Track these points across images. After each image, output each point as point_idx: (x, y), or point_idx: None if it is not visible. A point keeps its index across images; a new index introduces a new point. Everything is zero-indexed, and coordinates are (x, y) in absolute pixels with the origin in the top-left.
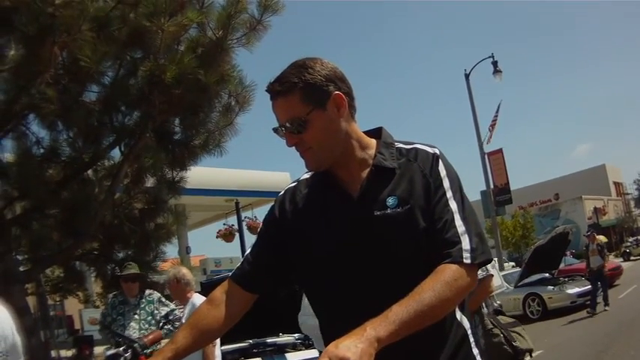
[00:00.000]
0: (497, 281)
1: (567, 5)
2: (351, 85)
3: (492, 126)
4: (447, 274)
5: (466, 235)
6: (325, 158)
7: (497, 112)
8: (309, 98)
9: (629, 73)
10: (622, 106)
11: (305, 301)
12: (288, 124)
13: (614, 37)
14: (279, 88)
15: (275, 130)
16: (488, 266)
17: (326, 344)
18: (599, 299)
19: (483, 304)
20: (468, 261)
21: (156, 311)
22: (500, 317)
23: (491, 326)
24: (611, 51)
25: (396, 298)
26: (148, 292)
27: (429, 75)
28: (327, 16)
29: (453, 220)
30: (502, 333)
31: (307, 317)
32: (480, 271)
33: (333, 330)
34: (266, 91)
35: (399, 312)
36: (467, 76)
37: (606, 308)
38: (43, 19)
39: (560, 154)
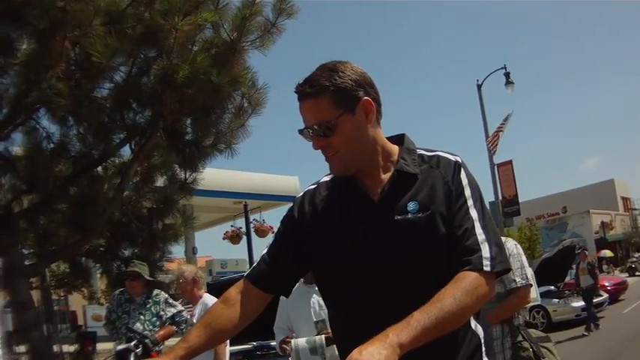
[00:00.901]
0: (533, 293)
1: (581, 17)
2: (379, 91)
3: (496, 134)
4: (467, 282)
5: (486, 244)
6: (351, 163)
7: (504, 121)
8: (339, 102)
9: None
10: (631, 120)
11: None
12: (316, 127)
13: (622, 51)
14: (309, 90)
15: (301, 131)
16: (528, 275)
17: (341, 346)
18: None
19: (516, 314)
20: (488, 269)
21: (162, 312)
22: (531, 330)
23: (521, 339)
24: (621, 64)
25: (413, 302)
26: (155, 292)
27: (441, 84)
28: (338, 20)
29: (473, 228)
30: (532, 347)
31: (298, 339)
32: (519, 279)
33: (348, 332)
34: (295, 92)
35: (420, 318)
36: (479, 86)
37: (585, 333)
38: (54, 13)
39: (568, 167)
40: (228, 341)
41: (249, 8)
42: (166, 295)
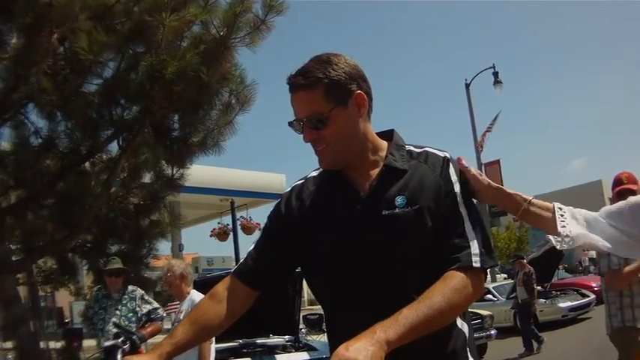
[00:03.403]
0: None
1: (569, 17)
2: (371, 85)
3: (485, 135)
4: (456, 280)
5: (475, 241)
6: (341, 157)
7: (493, 121)
8: (332, 95)
9: (624, 88)
10: (617, 121)
11: None
12: (308, 119)
13: (609, 52)
14: (302, 82)
15: (291, 123)
16: None
17: (331, 340)
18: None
19: None
20: (478, 265)
21: (137, 308)
22: None
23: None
24: (608, 65)
25: (400, 296)
26: (130, 288)
27: (428, 82)
28: (327, 18)
29: (462, 225)
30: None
31: None
32: None
33: (337, 326)
34: (287, 82)
35: (408, 315)
36: (467, 85)
37: (523, 354)
38: (40, 8)
39: (555, 167)
40: (213, 339)
41: (239, 5)
42: (142, 292)
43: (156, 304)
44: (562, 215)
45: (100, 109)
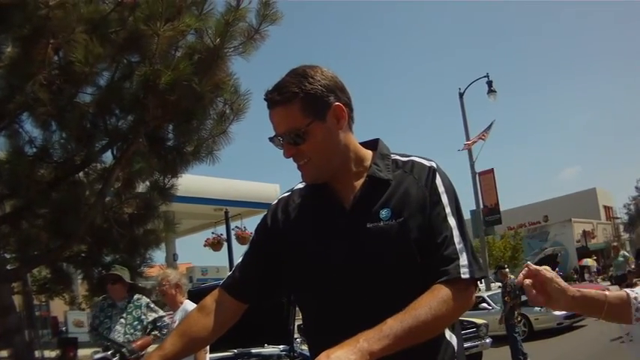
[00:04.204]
0: None
1: (561, 26)
2: (351, 96)
3: (476, 140)
4: (443, 292)
5: (464, 252)
6: (323, 171)
7: (487, 129)
8: (310, 109)
9: (617, 96)
10: (610, 130)
11: None
12: (286, 135)
13: (602, 60)
14: (278, 98)
15: (271, 139)
16: None
17: (314, 354)
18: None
19: None
20: (467, 276)
21: (143, 317)
22: None
23: None
24: (600, 73)
25: (387, 309)
26: (136, 296)
27: (422, 90)
28: (321, 28)
29: (452, 236)
30: None
31: None
32: None
33: (321, 340)
34: (264, 99)
35: (393, 326)
36: (461, 95)
37: None
38: (37, 19)
39: (549, 175)
40: (207, 348)
41: (232, 14)
42: (148, 300)
43: (162, 312)
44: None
45: (94, 119)
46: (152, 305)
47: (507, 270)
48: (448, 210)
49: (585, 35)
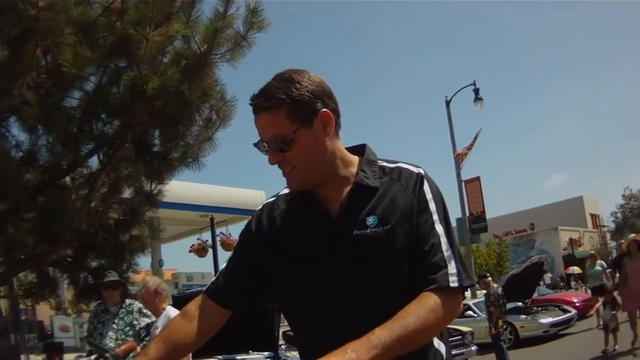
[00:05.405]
0: None
1: (546, 34)
2: (338, 101)
3: (465, 153)
4: (432, 300)
5: (452, 260)
6: (309, 178)
7: (474, 139)
8: (296, 116)
9: (601, 104)
10: (595, 138)
11: None
12: (272, 142)
13: (585, 68)
14: (264, 104)
15: (256, 144)
16: None
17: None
18: None
19: None
20: (456, 284)
21: (135, 322)
22: None
23: None
24: (584, 82)
25: (374, 317)
26: (128, 301)
27: (410, 98)
28: (306, 35)
29: (440, 244)
30: None
31: None
32: None
33: (308, 348)
34: (250, 104)
35: (381, 336)
36: (447, 102)
37: None
38: (26, 20)
39: (535, 183)
40: (190, 356)
41: (220, 21)
42: (140, 305)
43: (154, 318)
44: None
45: (81, 124)
46: (145, 311)
47: (490, 279)
48: (436, 217)
49: (573, 41)
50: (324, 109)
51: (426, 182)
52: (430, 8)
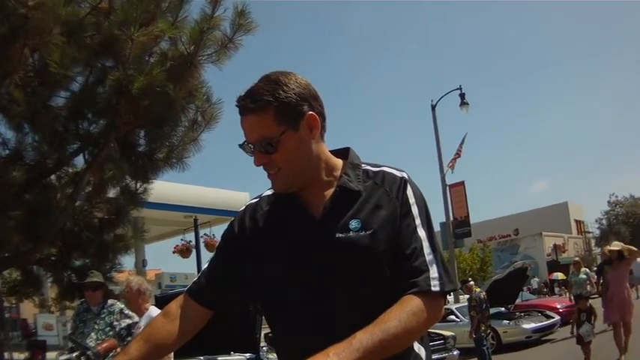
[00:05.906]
0: None
1: (532, 39)
2: (323, 104)
3: (455, 160)
4: (413, 304)
5: (434, 264)
6: (294, 180)
7: (461, 144)
8: (283, 118)
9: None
10: (579, 144)
11: None
12: (257, 143)
13: (570, 74)
14: (251, 105)
15: (241, 145)
16: None
17: None
18: None
19: None
20: (437, 288)
21: (115, 322)
22: None
23: None
24: (570, 87)
25: (355, 320)
26: (110, 302)
27: (394, 100)
28: (293, 38)
29: (421, 248)
30: None
31: None
32: None
33: (289, 351)
34: (236, 105)
35: (363, 340)
36: (433, 107)
37: None
38: (15, 19)
39: (519, 189)
40: (171, 355)
41: (207, 22)
42: (122, 306)
43: (136, 319)
44: None
45: (67, 123)
46: (127, 311)
47: (472, 283)
48: (418, 221)
49: (557, 47)
50: (311, 112)
51: (409, 186)
52: (419, 11)
